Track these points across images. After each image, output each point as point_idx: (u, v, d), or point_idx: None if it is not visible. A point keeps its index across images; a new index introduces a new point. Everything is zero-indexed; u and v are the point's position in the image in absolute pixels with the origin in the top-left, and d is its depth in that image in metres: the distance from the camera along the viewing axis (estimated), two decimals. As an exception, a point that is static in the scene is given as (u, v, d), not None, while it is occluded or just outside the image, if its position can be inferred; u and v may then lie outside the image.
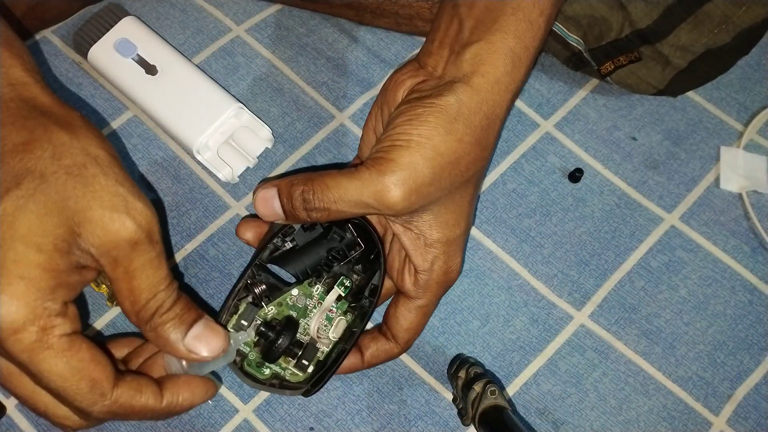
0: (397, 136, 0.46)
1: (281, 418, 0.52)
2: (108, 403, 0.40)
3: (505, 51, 0.47)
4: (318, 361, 0.50)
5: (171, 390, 0.43)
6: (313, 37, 0.64)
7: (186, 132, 0.57)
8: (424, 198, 0.46)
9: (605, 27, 0.59)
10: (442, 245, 0.49)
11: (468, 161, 0.46)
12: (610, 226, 0.59)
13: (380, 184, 0.45)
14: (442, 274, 0.49)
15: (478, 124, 0.46)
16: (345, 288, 0.50)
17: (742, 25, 0.60)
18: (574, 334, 0.56)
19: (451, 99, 0.46)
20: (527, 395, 0.54)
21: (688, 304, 0.57)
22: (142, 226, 0.40)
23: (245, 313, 0.49)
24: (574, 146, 0.62)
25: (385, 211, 0.46)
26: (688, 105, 0.64)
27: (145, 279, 0.40)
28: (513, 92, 0.47)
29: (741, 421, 0.54)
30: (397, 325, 0.51)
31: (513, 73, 0.47)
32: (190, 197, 0.58)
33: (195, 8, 0.65)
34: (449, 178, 0.46)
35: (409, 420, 0.53)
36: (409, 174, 0.45)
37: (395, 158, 0.45)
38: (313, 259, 0.51)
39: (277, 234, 0.50)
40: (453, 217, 0.48)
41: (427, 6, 0.61)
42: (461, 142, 0.46)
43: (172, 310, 0.42)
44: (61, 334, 0.38)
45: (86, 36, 0.60)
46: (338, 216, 0.47)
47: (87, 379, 0.39)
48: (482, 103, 0.46)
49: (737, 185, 0.61)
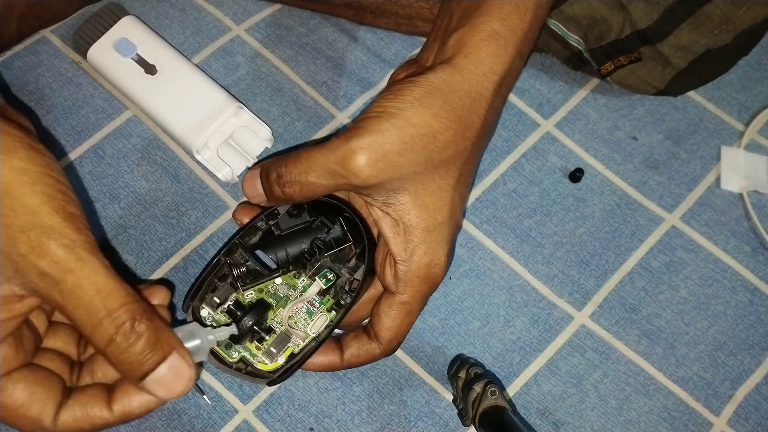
0: (371, 109, 0.46)
1: (281, 419, 0.52)
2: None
3: (488, 32, 0.46)
4: (291, 353, 0.48)
5: (120, 400, 0.41)
6: (313, 36, 0.64)
7: (185, 132, 0.57)
8: (395, 168, 0.45)
9: (605, 27, 0.59)
10: (421, 232, 0.47)
11: (446, 138, 0.45)
12: (610, 226, 0.59)
13: (346, 149, 0.44)
14: (423, 267, 0.47)
15: (458, 102, 0.46)
16: (327, 281, 0.49)
17: (742, 25, 0.59)
18: (574, 335, 0.56)
19: (430, 76, 0.46)
20: (528, 396, 0.54)
21: (689, 305, 0.57)
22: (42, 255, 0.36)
23: (220, 291, 0.49)
24: (575, 146, 0.62)
25: (353, 179, 0.45)
26: (688, 105, 0.64)
27: (74, 309, 0.37)
28: (499, 74, 0.47)
29: (741, 421, 0.54)
30: (379, 323, 0.49)
31: (498, 54, 0.46)
32: (190, 197, 0.58)
33: (194, 8, 0.65)
34: (423, 152, 0.45)
35: (409, 420, 0.52)
36: (376, 139, 0.44)
37: (365, 126, 0.45)
38: (295, 248, 0.50)
39: (260, 215, 0.50)
40: (433, 200, 0.47)
41: (427, 6, 0.61)
42: (437, 116, 0.45)
43: (130, 350, 0.38)
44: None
45: (86, 35, 0.60)
46: (310, 190, 0.46)
47: (23, 418, 0.39)
48: (463, 82, 0.46)
49: (738, 185, 0.61)
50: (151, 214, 0.57)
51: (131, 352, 0.38)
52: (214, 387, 0.53)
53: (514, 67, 0.48)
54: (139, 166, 0.59)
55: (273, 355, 0.48)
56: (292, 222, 0.51)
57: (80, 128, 0.60)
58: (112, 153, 0.59)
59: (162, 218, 0.57)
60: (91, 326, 0.37)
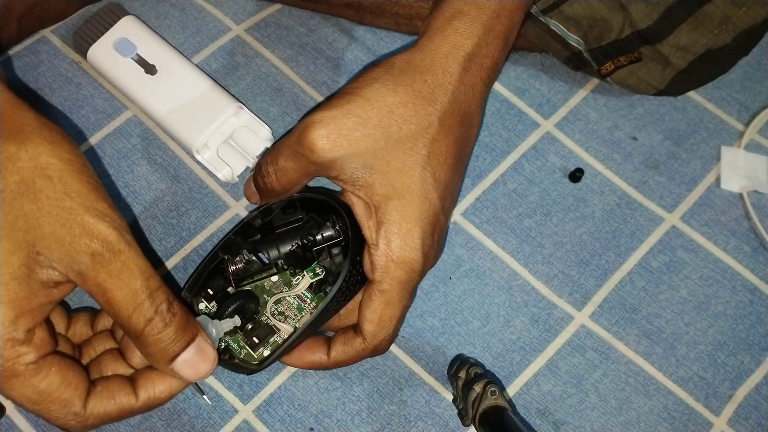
0: (338, 91, 0.47)
1: (281, 419, 0.52)
2: (82, 420, 0.41)
3: (451, 12, 0.47)
4: (276, 345, 0.49)
5: (145, 386, 0.43)
6: (313, 36, 0.64)
7: (185, 132, 0.57)
8: (350, 143, 0.45)
9: (605, 27, 0.59)
10: (390, 212, 0.46)
11: (404, 113, 0.45)
12: (610, 226, 0.59)
13: (302, 125, 0.45)
14: (396, 250, 0.46)
15: (418, 77, 0.46)
16: (314, 275, 0.50)
17: (742, 25, 0.59)
18: (574, 335, 0.56)
19: (393, 58, 0.47)
20: (528, 396, 0.54)
21: (689, 305, 0.57)
22: (95, 238, 0.38)
23: (215, 283, 0.50)
24: (575, 146, 0.62)
25: (309, 155, 0.45)
26: (688, 105, 0.64)
27: (118, 290, 0.39)
28: (465, 49, 0.47)
29: (741, 421, 0.54)
30: (360, 315, 0.48)
31: (462, 30, 0.47)
32: (190, 197, 0.58)
33: (194, 8, 0.65)
34: (380, 127, 0.45)
35: (409, 420, 0.52)
36: (328, 113, 0.45)
37: (322, 105, 0.46)
38: (287, 244, 0.51)
39: (255, 211, 0.51)
40: (399, 178, 0.46)
41: (427, 6, 0.61)
42: (394, 91, 0.46)
43: (164, 332, 0.40)
44: (27, 363, 0.38)
45: (85, 35, 0.60)
46: (285, 176, 0.47)
47: (57, 401, 0.40)
48: (424, 59, 0.46)
49: (738, 185, 0.61)
50: (151, 214, 0.57)
51: (165, 333, 0.40)
52: (214, 387, 0.53)
53: (485, 44, 0.48)
54: (139, 166, 0.59)
55: (256, 346, 0.48)
56: (286, 219, 0.51)
57: (80, 128, 0.60)
58: (112, 153, 0.59)
59: (162, 218, 0.57)
60: (133, 307, 0.39)
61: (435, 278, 0.57)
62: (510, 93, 0.64)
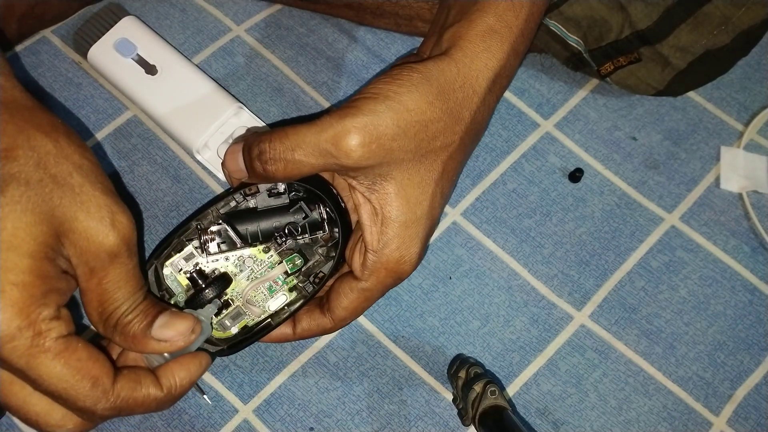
0: (366, 90, 0.45)
1: (281, 418, 0.52)
2: (112, 399, 0.40)
3: (483, 28, 0.46)
4: (245, 326, 0.49)
5: (166, 375, 0.43)
6: (313, 37, 0.64)
7: (186, 132, 0.57)
8: (386, 153, 0.44)
9: (605, 28, 0.59)
10: (398, 226, 0.46)
11: (437, 128, 0.45)
12: (610, 226, 0.59)
13: (339, 126, 0.43)
14: (392, 261, 0.47)
15: (452, 94, 0.45)
16: (294, 266, 0.50)
17: (741, 26, 0.60)
18: (574, 334, 0.56)
19: (428, 64, 0.46)
20: (527, 395, 0.54)
21: (689, 304, 0.57)
22: (125, 238, 0.40)
23: (186, 254, 0.49)
24: (575, 146, 0.62)
25: (343, 159, 0.44)
26: (688, 105, 0.64)
27: (116, 290, 0.40)
28: (494, 70, 0.47)
29: (741, 421, 0.54)
30: (336, 300, 0.49)
31: (493, 50, 0.46)
32: (190, 197, 0.58)
33: (195, 8, 0.65)
34: (414, 140, 0.45)
35: (409, 420, 0.52)
36: (371, 120, 0.43)
37: (359, 106, 0.44)
38: (267, 227, 0.50)
39: (239, 190, 0.49)
40: (415, 193, 0.46)
41: (427, 6, 0.61)
42: (432, 105, 0.45)
43: (134, 311, 0.41)
44: (56, 337, 0.38)
45: (86, 36, 0.60)
46: (296, 168, 0.45)
47: (87, 377, 0.39)
48: (458, 75, 0.46)
49: (737, 185, 0.61)
50: (151, 214, 0.57)
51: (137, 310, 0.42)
52: (214, 387, 0.53)
53: (509, 65, 0.48)
54: (139, 166, 0.59)
55: (226, 327, 0.49)
56: (269, 201, 0.50)
57: (81, 128, 0.60)
58: (112, 153, 0.59)
59: (162, 218, 0.57)
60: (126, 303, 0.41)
61: (435, 278, 0.57)
62: (510, 93, 0.64)
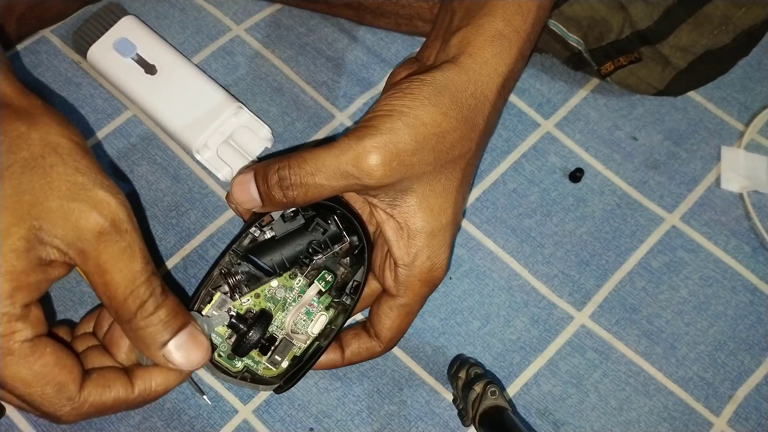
0: (379, 107, 0.45)
1: (281, 419, 0.52)
2: (77, 405, 0.39)
3: (492, 33, 0.46)
4: (294, 356, 0.48)
5: (143, 377, 0.41)
6: (313, 36, 0.64)
7: (185, 132, 0.57)
8: (407, 168, 0.44)
9: (605, 28, 0.59)
10: (425, 237, 0.46)
11: (454, 138, 0.45)
12: (610, 226, 0.59)
13: (359, 148, 0.43)
14: (425, 272, 0.47)
15: (464, 102, 0.45)
16: (326, 283, 0.49)
17: (742, 26, 0.59)
18: (574, 335, 0.56)
19: (437, 75, 0.45)
20: (528, 396, 0.54)
21: (689, 305, 0.57)
22: (105, 214, 0.38)
23: (216, 303, 0.47)
24: (575, 146, 0.62)
25: (365, 179, 0.44)
26: (689, 105, 0.64)
27: (118, 272, 0.38)
28: (503, 75, 0.46)
29: (742, 421, 0.54)
30: (379, 323, 0.49)
31: (502, 55, 0.46)
32: (190, 197, 0.58)
33: (194, 7, 0.65)
34: (433, 152, 0.45)
35: (410, 420, 0.52)
36: (390, 138, 0.43)
37: (376, 125, 0.44)
38: (291, 252, 0.49)
39: (254, 223, 0.48)
40: (438, 202, 0.46)
41: (427, 6, 0.61)
42: (446, 116, 0.45)
43: (156, 314, 0.40)
44: (22, 340, 0.37)
45: (85, 35, 0.60)
46: (317, 192, 0.45)
47: (52, 383, 0.38)
48: (469, 82, 0.45)
49: (738, 185, 0.61)
50: (151, 214, 0.57)
51: (156, 315, 0.39)
52: (214, 387, 0.53)
53: (517, 69, 0.48)
54: (139, 166, 0.59)
55: (277, 362, 0.48)
56: (287, 227, 0.49)
57: (80, 128, 0.59)
58: (112, 153, 0.59)
59: (162, 218, 0.57)
60: (131, 289, 0.38)
61: (435, 278, 0.57)
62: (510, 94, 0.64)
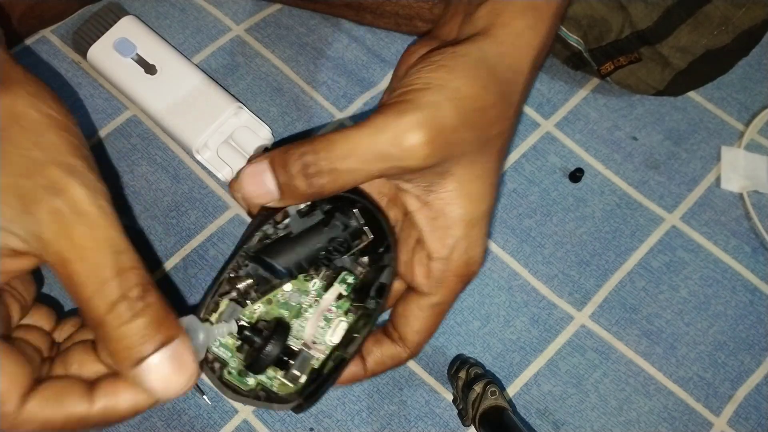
0: (413, 81, 0.39)
1: (281, 419, 0.52)
2: (12, 422, 0.33)
3: (523, 4, 0.41)
4: (312, 369, 0.41)
5: (105, 392, 0.34)
6: (313, 36, 0.64)
7: (185, 132, 0.57)
8: (450, 147, 0.38)
9: (605, 28, 0.59)
10: (464, 226, 0.41)
11: (493, 115, 0.40)
12: (610, 226, 0.59)
13: (399, 126, 0.37)
14: (462, 265, 0.42)
15: (502, 75, 0.40)
16: (348, 285, 0.42)
17: (741, 26, 0.59)
18: (574, 335, 0.56)
19: (471, 47, 0.40)
20: (528, 396, 0.54)
21: (689, 305, 0.57)
22: (60, 191, 0.32)
23: (226, 312, 0.40)
24: (575, 146, 0.62)
25: (407, 161, 0.38)
26: (689, 105, 0.64)
27: (79, 262, 0.32)
28: (537, 49, 0.41)
29: (742, 421, 0.54)
30: (407, 326, 0.43)
31: (536, 27, 0.41)
32: (190, 197, 0.58)
33: (194, 7, 0.65)
34: (474, 130, 0.39)
35: (410, 421, 0.52)
36: (432, 113, 0.38)
37: (413, 99, 0.38)
38: (309, 251, 0.41)
39: (268, 220, 0.40)
40: (477, 187, 0.41)
41: (427, 6, 0.61)
42: (486, 89, 0.39)
43: (133, 323, 0.32)
44: None
45: (85, 35, 0.60)
46: (350, 179, 0.38)
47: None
48: (505, 55, 0.40)
49: (738, 185, 0.61)
50: (151, 214, 0.57)
51: (133, 325, 0.32)
52: (214, 387, 0.52)
53: (546, 43, 0.43)
54: (139, 166, 0.59)
55: (296, 378, 0.41)
56: (304, 222, 0.41)
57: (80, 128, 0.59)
58: (112, 153, 0.59)
59: (162, 218, 0.57)
60: (96, 285, 0.32)
61: (435, 278, 0.57)
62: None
